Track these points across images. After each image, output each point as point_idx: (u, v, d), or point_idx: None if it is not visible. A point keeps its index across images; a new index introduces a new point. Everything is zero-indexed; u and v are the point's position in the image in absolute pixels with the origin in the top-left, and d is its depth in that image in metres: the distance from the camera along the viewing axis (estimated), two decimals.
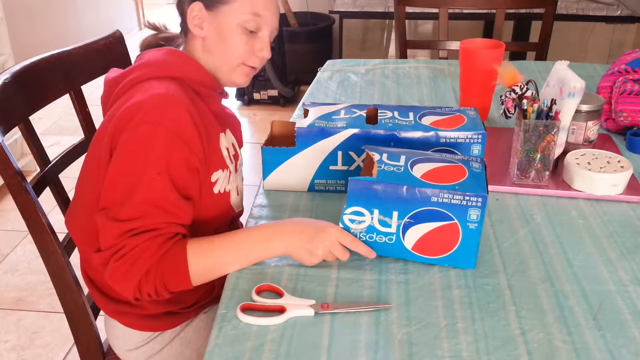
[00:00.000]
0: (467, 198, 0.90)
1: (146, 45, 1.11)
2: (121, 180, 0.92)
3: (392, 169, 0.94)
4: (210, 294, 1.13)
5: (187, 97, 0.97)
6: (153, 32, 1.13)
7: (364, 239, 0.95)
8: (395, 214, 0.92)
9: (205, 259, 0.92)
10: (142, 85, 0.97)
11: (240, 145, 1.21)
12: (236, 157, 1.14)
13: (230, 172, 1.08)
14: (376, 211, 0.93)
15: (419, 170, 0.94)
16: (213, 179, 1.03)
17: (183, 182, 0.94)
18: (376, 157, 0.97)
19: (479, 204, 0.89)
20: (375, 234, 0.94)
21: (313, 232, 0.92)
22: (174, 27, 1.13)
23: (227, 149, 1.09)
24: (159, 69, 1.00)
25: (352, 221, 0.94)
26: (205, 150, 0.98)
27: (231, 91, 3.56)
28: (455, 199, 0.90)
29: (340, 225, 0.94)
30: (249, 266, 0.94)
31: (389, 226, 0.93)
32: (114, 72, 1.04)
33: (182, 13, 1.05)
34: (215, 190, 1.04)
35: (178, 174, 0.93)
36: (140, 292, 0.92)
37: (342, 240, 0.92)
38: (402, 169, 0.94)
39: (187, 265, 0.91)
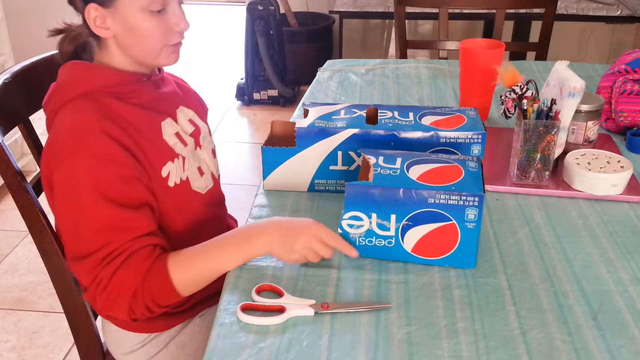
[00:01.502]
0: (464, 198, 0.90)
1: (64, 54, 1.03)
2: (67, 222, 0.93)
3: (388, 172, 0.94)
4: (204, 291, 1.12)
5: (99, 112, 0.94)
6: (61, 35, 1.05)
7: (364, 243, 0.95)
8: (393, 217, 0.92)
9: (188, 270, 0.93)
10: (56, 117, 0.96)
11: (203, 112, 1.18)
12: (196, 133, 1.11)
13: (183, 159, 1.05)
14: (374, 215, 0.93)
15: (415, 172, 0.94)
16: (164, 173, 1.01)
17: (124, 195, 0.93)
18: (372, 160, 0.97)
19: (476, 203, 0.90)
20: (374, 237, 0.94)
21: (291, 228, 0.92)
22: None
23: (177, 133, 1.05)
24: (67, 91, 0.97)
25: (350, 226, 0.94)
26: (138, 155, 0.96)
27: (231, 90, 3.57)
28: (452, 200, 0.90)
29: (339, 230, 0.94)
30: (234, 268, 0.94)
31: (388, 229, 0.93)
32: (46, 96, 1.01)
33: (83, 18, 0.98)
34: (171, 183, 1.02)
35: (114, 191, 0.92)
36: (134, 313, 0.93)
37: (321, 235, 0.91)
38: (398, 171, 0.94)
39: (171, 279, 0.92)
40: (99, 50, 1.01)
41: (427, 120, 1.12)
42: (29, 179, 1.04)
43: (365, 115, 1.14)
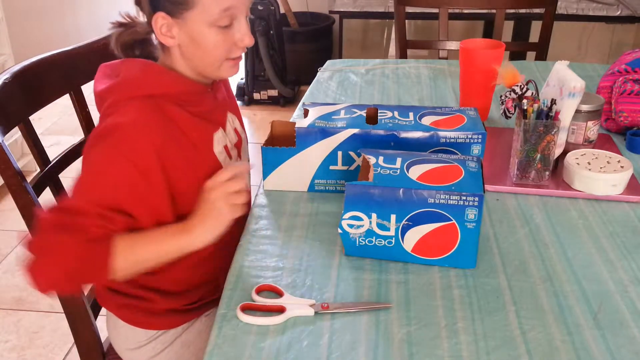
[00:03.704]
0: (464, 198, 0.90)
1: (122, 46, 1.03)
2: (75, 188, 0.92)
3: (388, 172, 0.94)
4: (214, 292, 1.13)
5: (160, 122, 0.95)
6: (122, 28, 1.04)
7: (364, 243, 0.95)
8: (393, 217, 0.92)
9: (131, 253, 0.92)
10: (116, 109, 0.95)
11: (242, 121, 1.19)
12: (238, 143, 1.12)
13: None
14: (374, 215, 0.93)
15: (415, 172, 0.94)
16: None
17: (128, 205, 0.93)
18: (372, 160, 0.97)
19: (476, 203, 0.90)
20: (374, 237, 0.94)
21: (202, 206, 0.93)
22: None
23: (225, 146, 1.07)
24: (135, 88, 0.97)
25: (350, 226, 0.94)
26: (174, 177, 0.97)
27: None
28: (452, 200, 0.90)
29: (339, 230, 0.94)
30: (178, 256, 0.94)
31: (388, 229, 0.93)
32: (101, 82, 1.00)
33: (149, 24, 0.98)
34: None
35: (124, 201, 0.92)
36: (59, 285, 0.92)
37: (215, 182, 0.92)
38: (398, 171, 0.94)
39: (109, 259, 0.89)
40: (162, 54, 1.02)
41: (427, 120, 1.12)
42: (29, 179, 1.04)
43: (365, 115, 1.14)
